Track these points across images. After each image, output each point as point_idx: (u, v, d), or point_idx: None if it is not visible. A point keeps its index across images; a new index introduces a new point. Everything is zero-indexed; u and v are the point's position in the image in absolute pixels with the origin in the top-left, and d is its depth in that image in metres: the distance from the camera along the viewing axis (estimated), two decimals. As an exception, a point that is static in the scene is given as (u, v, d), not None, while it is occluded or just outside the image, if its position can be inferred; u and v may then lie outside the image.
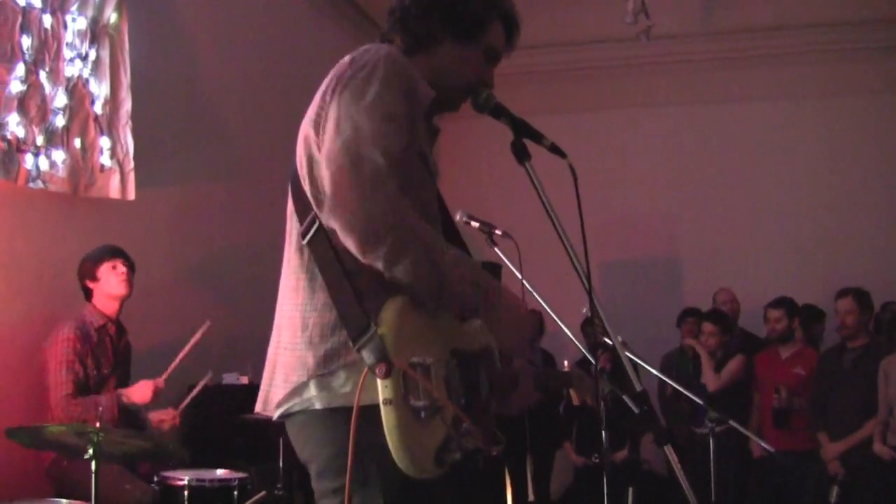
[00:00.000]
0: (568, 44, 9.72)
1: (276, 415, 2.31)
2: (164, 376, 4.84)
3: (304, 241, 2.26)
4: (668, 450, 2.39)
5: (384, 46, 2.37)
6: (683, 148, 9.88)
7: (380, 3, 8.63)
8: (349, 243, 2.12)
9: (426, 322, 2.21)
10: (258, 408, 2.36)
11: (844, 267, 8.74)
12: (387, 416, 2.08)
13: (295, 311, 2.28)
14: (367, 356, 2.10)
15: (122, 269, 4.82)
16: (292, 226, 2.34)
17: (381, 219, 2.08)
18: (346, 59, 2.33)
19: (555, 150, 2.52)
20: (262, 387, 2.36)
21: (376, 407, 2.10)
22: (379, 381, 2.08)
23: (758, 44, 9.64)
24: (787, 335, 7.29)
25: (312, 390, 2.22)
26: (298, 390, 2.24)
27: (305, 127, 2.31)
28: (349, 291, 2.17)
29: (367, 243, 2.10)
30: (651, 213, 9.69)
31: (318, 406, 2.22)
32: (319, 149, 2.23)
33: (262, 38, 7.13)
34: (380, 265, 2.12)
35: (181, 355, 4.89)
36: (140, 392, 4.73)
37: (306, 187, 2.27)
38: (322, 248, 2.21)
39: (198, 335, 4.95)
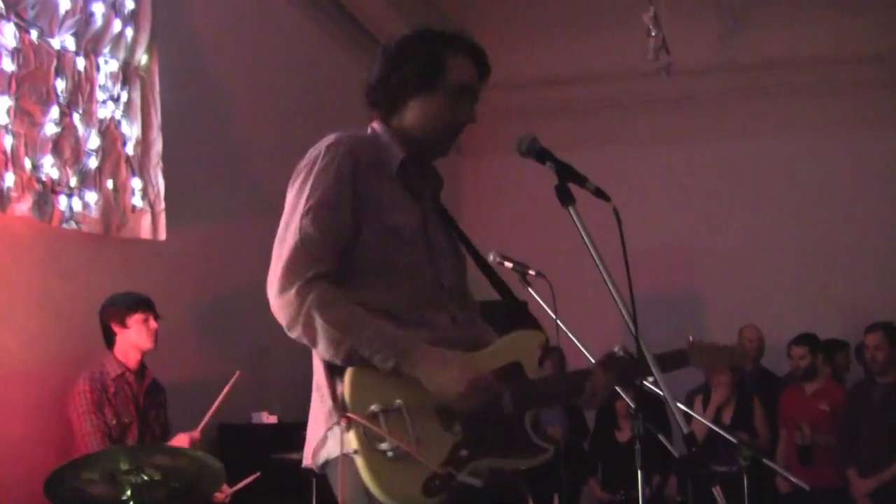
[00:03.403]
0: (588, 80, 9.76)
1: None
2: (200, 428, 4.81)
3: None
4: (717, 491, 2.40)
5: (331, 136, 2.58)
6: (704, 182, 9.87)
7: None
8: None
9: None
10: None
11: (868, 301, 8.70)
12: (359, 465, 2.32)
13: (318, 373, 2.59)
14: (334, 416, 2.41)
15: (153, 324, 4.80)
16: None
17: (291, 310, 2.45)
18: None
19: (599, 194, 2.56)
20: None
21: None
22: (345, 435, 2.36)
23: (779, 77, 9.67)
24: (811, 372, 7.25)
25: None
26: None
27: None
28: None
29: (287, 328, 2.49)
30: (672, 248, 9.65)
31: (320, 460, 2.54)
32: None
33: (291, 79, 7.19)
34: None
35: (214, 407, 4.87)
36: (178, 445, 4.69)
37: None
38: None
39: (229, 385, 4.93)
